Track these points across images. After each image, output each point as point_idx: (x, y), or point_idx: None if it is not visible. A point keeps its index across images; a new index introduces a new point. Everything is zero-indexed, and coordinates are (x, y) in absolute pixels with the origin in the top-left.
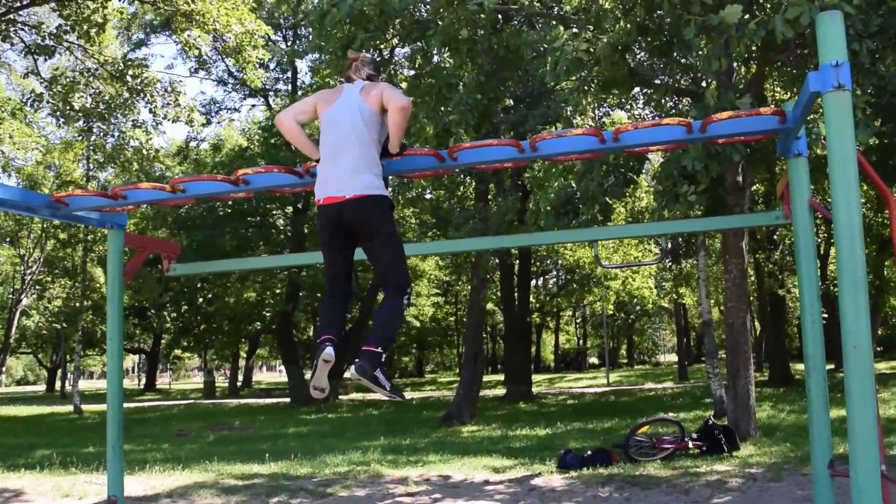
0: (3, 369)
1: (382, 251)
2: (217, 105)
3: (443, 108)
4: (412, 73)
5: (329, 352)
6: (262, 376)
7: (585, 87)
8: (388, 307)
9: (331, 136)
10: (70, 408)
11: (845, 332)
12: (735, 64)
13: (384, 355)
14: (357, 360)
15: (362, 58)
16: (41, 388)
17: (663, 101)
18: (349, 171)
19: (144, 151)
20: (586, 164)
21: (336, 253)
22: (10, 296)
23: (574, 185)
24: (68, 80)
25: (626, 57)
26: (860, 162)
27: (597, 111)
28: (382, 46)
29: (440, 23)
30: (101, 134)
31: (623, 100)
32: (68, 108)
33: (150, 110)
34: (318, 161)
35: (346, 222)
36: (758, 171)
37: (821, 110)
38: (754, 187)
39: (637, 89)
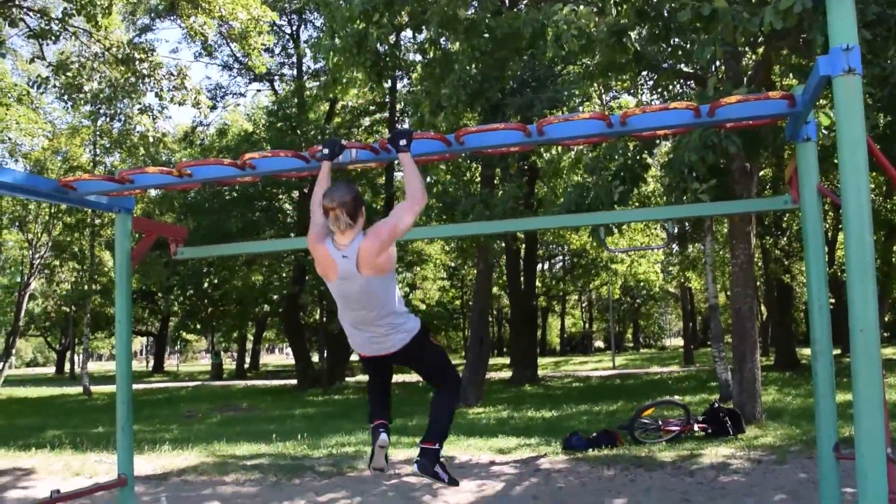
0: (13, 351)
1: (431, 365)
2: (222, 90)
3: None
4: (419, 58)
5: (384, 438)
6: (268, 359)
7: (591, 70)
8: (443, 402)
9: (348, 311)
10: (79, 389)
11: (853, 317)
12: (746, 49)
13: (440, 454)
14: (419, 457)
15: (339, 205)
16: (51, 370)
17: (670, 86)
18: (380, 337)
19: (150, 136)
20: (594, 162)
21: (376, 374)
22: (19, 280)
23: (589, 184)
24: (75, 64)
25: (626, 41)
26: (870, 147)
27: (604, 97)
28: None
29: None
30: (108, 118)
31: (631, 84)
32: (76, 91)
33: (157, 94)
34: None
35: (392, 362)
36: (758, 157)
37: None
38: (762, 172)
39: (645, 73)
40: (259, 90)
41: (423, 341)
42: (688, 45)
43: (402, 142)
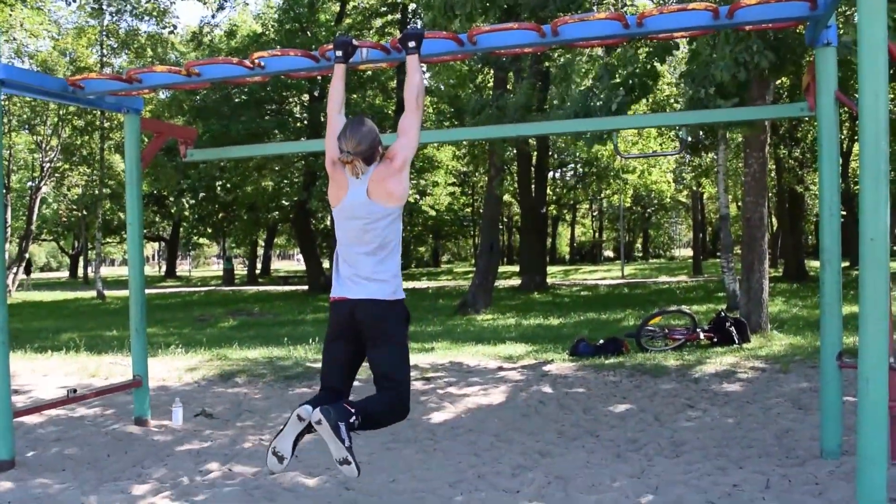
0: (27, 255)
1: (390, 355)
2: None
3: None
4: None
5: (307, 408)
6: (279, 264)
7: None
8: (383, 398)
9: (343, 245)
10: (93, 293)
11: (863, 224)
12: None
13: (355, 422)
14: (326, 406)
15: (356, 155)
16: (64, 274)
17: None
18: (362, 278)
19: (161, 26)
20: (602, 70)
21: (341, 355)
22: (30, 183)
23: (595, 87)
24: None
25: None
26: (890, 51)
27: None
28: None
29: None
30: (114, 13)
31: None
32: None
33: None
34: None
35: (358, 326)
36: (784, 73)
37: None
38: (779, 80)
39: None
40: None
41: (400, 322)
42: None
43: (412, 43)
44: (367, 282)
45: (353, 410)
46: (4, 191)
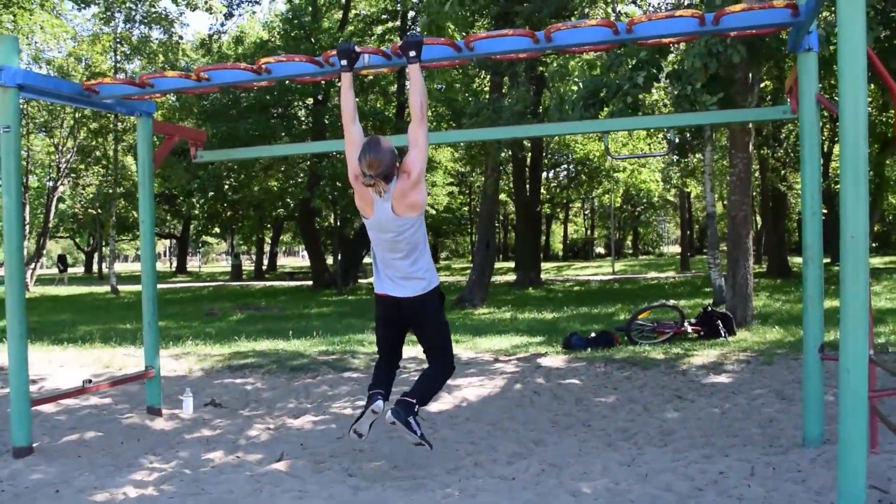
0: (45, 252)
1: (435, 336)
2: None
3: None
4: None
5: (379, 404)
6: (285, 261)
7: None
8: (433, 373)
9: (379, 249)
10: (107, 288)
11: (844, 223)
12: None
13: (418, 408)
14: (395, 406)
15: (378, 175)
16: (80, 269)
17: None
18: (395, 279)
19: (167, 35)
20: (612, 57)
21: (386, 339)
22: (48, 183)
23: (602, 77)
24: None
25: None
26: (869, 56)
27: (610, 7)
28: None
29: None
30: (125, 21)
31: None
32: None
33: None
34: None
35: (403, 316)
36: (760, 67)
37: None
38: (762, 85)
39: None
40: None
41: (437, 306)
42: None
43: (412, 53)
44: (406, 281)
45: (413, 401)
46: (23, 190)
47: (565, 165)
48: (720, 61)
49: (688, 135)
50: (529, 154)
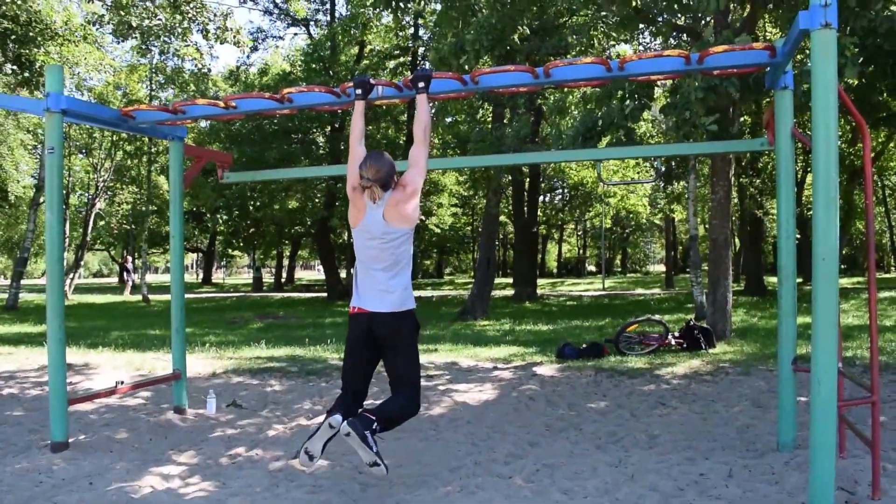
0: (82, 263)
1: (404, 362)
2: (263, 33)
3: (463, 31)
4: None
5: (336, 418)
6: (302, 274)
7: (598, 23)
8: (398, 400)
9: (361, 263)
10: (139, 297)
11: (816, 245)
12: (732, 5)
13: (377, 428)
14: (352, 419)
15: (374, 181)
16: (114, 280)
17: (668, 39)
18: (370, 291)
19: (197, 68)
20: (605, 91)
21: (361, 361)
22: (87, 200)
23: (597, 112)
24: (127, 2)
25: None
26: (840, 94)
27: (604, 44)
28: None
29: None
30: (160, 54)
31: (629, 36)
32: (128, 29)
33: (202, 34)
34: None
35: (375, 334)
36: (748, 103)
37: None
38: (742, 119)
39: (642, 26)
40: (296, 34)
41: (412, 331)
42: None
43: (421, 84)
44: (383, 294)
45: (373, 418)
46: (64, 206)
47: (560, 190)
48: (718, 94)
49: (673, 164)
50: (528, 179)
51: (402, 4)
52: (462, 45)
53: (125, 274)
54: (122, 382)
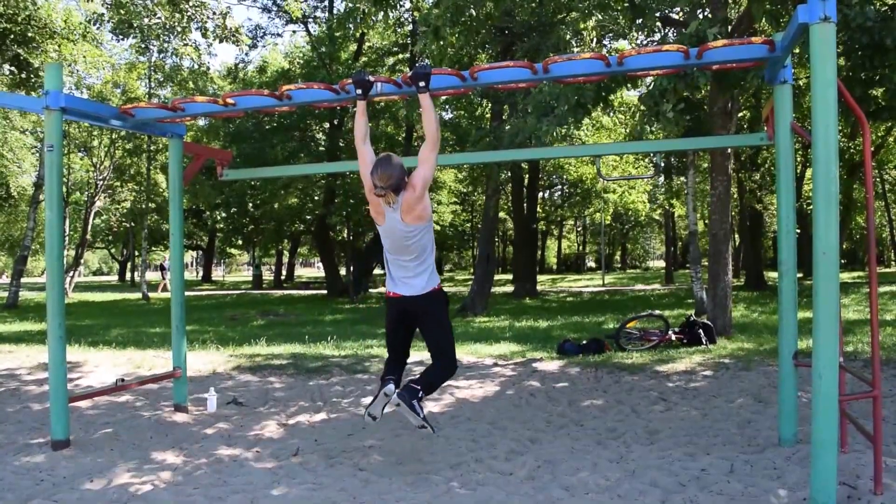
0: (82, 261)
1: (439, 335)
2: (262, 31)
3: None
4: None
5: (391, 388)
6: (302, 271)
7: (587, 15)
8: (436, 369)
9: (390, 253)
10: (139, 295)
11: (816, 240)
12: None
13: (422, 394)
14: (400, 390)
15: (389, 187)
16: (114, 278)
17: (656, 30)
18: (401, 277)
19: (196, 65)
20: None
21: (396, 333)
22: (86, 198)
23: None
24: (128, 4)
25: None
26: (839, 88)
27: (600, 38)
28: None
29: None
30: (158, 51)
31: (626, 31)
32: (128, 27)
33: (201, 32)
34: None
35: (409, 313)
36: (727, 94)
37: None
38: (741, 114)
39: (639, 21)
40: (295, 31)
41: (442, 305)
42: None
43: (422, 83)
44: (413, 278)
45: (418, 388)
46: (64, 204)
47: (560, 186)
48: (687, 84)
49: (673, 159)
50: (527, 175)
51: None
52: (455, 16)
53: (162, 273)
54: (123, 380)
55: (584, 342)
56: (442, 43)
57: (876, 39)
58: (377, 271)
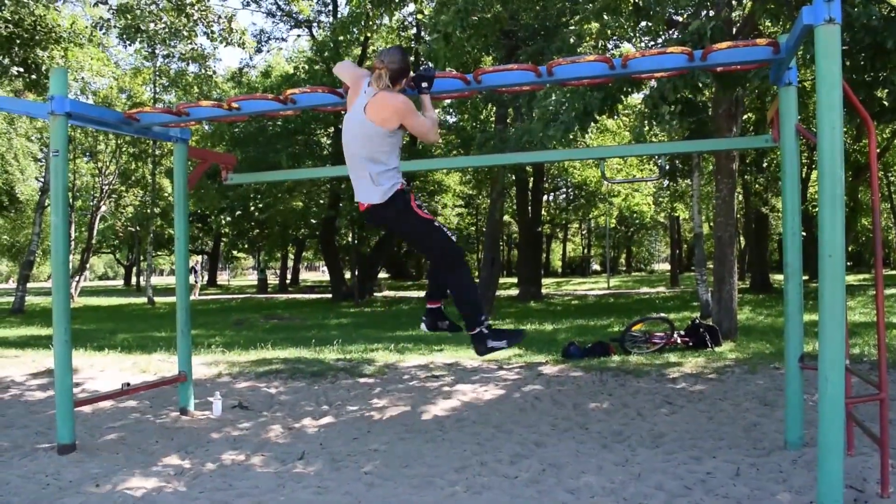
0: (88, 266)
1: (420, 240)
2: (266, 35)
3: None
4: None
5: (423, 328)
6: (307, 275)
7: (591, 16)
8: (454, 287)
9: (345, 148)
10: (144, 299)
11: (822, 243)
12: (734, 2)
13: (483, 328)
14: (474, 345)
15: (387, 66)
16: (119, 282)
17: (660, 32)
18: (358, 186)
19: (202, 69)
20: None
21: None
22: (91, 203)
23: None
24: (135, 10)
25: None
26: (844, 90)
27: (606, 42)
28: None
29: None
30: (164, 56)
31: (630, 33)
32: (134, 32)
33: (207, 35)
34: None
35: (378, 223)
36: (731, 94)
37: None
38: (745, 116)
39: (643, 24)
40: (299, 35)
41: (403, 210)
42: None
43: (424, 84)
44: (368, 188)
45: (478, 330)
46: (69, 209)
47: (564, 189)
48: (688, 84)
49: (677, 162)
50: (532, 179)
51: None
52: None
53: (192, 276)
54: (129, 384)
55: (590, 345)
56: (451, 44)
57: (880, 40)
58: (382, 275)
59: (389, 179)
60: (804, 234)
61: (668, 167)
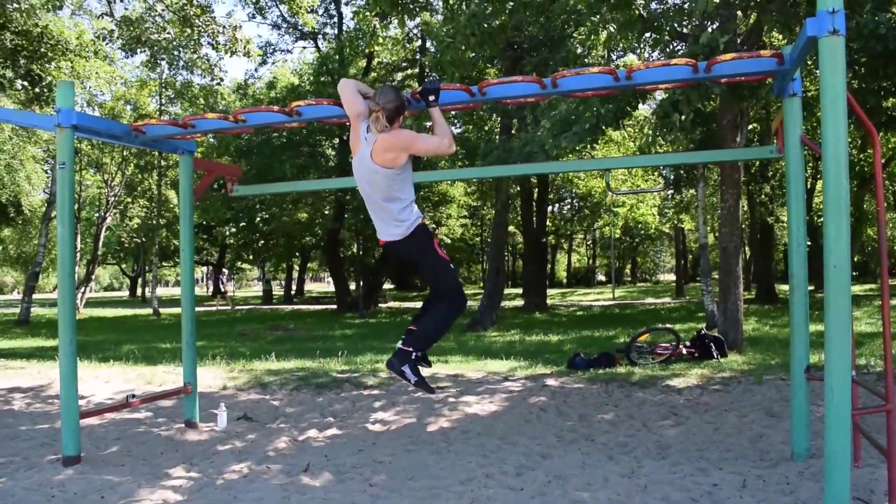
0: (93, 277)
1: (430, 273)
2: (272, 47)
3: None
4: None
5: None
6: (312, 286)
7: (599, 28)
8: (433, 313)
9: (361, 191)
10: (149, 311)
11: (827, 253)
12: (739, 13)
13: (415, 355)
14: (392, 357)
15: (383, 107)
16: (125, 293)
17: (668, 46)
18: (380, 224)
19: (209, 79)
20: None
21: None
22: (97, 215)
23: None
24: (137, 16)
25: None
26: (849, 101)
27: (610, 52)
28: None
29: None
30: (169, 67)
31: (635, 44)
32: (137, 44)
33: (212, 46)
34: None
35: (398, 256)
36: (741, 105)
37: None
38: (750, 126)
39: (647, 35)
40: (304, 47)
41: (424, 245)
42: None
43: (431, 97)
44: (388, 225)
45: (409, 350)
46: (76, 221)
47: (569, 200)
48: (700, 94)
49: (682, 172)
50: (536, 189)
51: (408, 4)
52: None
53: (220, 285)
54: (134, 396)
55: (595, 356)
56: (459, 53)
57: (891, 48)
58: (387, 286)
59: (411, 214)
60: (809, 244)
61: (672, 177)
